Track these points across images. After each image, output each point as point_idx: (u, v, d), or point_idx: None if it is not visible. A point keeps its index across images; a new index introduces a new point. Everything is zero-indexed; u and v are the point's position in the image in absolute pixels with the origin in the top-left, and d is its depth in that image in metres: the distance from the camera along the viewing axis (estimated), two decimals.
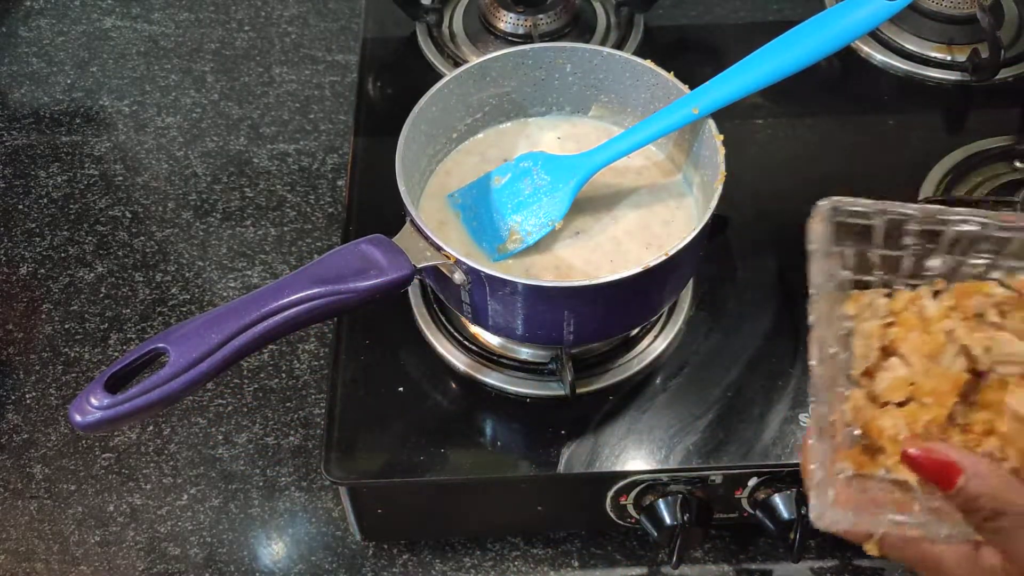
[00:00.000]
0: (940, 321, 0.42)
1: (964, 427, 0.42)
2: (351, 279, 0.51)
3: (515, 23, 0.81)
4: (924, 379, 0.41)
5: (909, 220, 0.43)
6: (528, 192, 0.63)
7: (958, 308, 0.43)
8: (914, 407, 0.41)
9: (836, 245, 0.44)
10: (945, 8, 0.80)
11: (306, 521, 0.66)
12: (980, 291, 0.43)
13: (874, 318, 0.43)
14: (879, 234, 0.44)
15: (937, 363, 0.41)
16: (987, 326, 0.42)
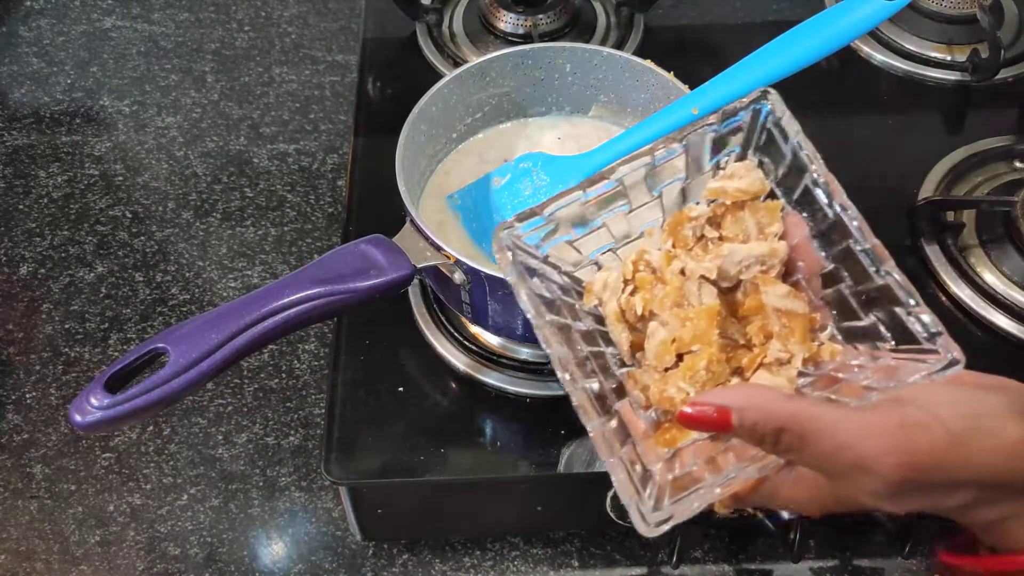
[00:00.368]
0: (669, 264, 0.42)
1: (747, 345, 0.41)
2: (351, 279, 0.51)
3: (515, 23, 0.81)
4: (682, 329, 0.40)
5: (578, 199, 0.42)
6: (528, 193, 0.63)
7: (676, 244, 0.42)
8: (688, 360, 0.40)
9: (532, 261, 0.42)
10: (945, 8, 0.80)
11: (306, 521, 0.66)
12: (686, 218, 0.42)
13: (613, 296, 0.42)
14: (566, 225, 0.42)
15: (687, 306, 0.41)
16: (711, 244, 0.42)
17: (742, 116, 0.41)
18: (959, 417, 0.35)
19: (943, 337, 0.37)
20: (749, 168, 0.42)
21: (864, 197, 0.71)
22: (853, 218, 0.40)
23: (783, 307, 0.40)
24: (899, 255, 0.66)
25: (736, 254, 0.41)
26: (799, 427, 0.35)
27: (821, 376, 0.41)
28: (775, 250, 0.41)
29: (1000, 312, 0.63)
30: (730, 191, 0.42)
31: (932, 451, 0.34)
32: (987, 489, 0.35)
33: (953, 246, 0.66)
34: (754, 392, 0.37)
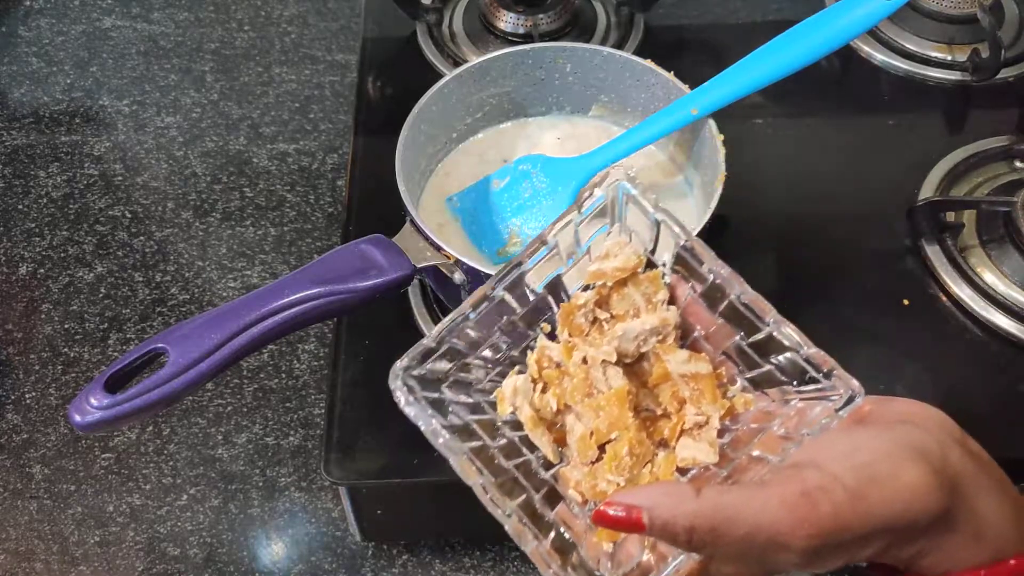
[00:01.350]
0: (569, 356, 0.42)
1: (665, 415, 0.42)
2: (351, 279, 0.51)
3: (515, 23, 0.81)
4: (597, 419, 0.40)
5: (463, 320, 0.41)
6: (528, 195, 0.63)
7: (572, 333, 0.43)
8: (610, 449, 0.40)
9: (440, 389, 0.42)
10: (945, 8, 0.80)
11: (306, 521, 0.66)
12: (575, 307, 0.43)
13: (525, 399, 0.42)
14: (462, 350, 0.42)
15: (597, 393, 0.41)
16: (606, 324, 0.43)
17: (601, 198, 0.42)
18: (854, 469, 0.36)
19: (837, 373, 0.37)
20: (622, 245, 0.42)
21: (864, 197, 0.72)
22: (726, 277, 0.40)
23: (688, 371, 0.41)
24: (899, 255, 0.67)
25: (631, 331, 0.41)
26: (708, 521, 0.35)
27: (741, 431, 0.41)
28: (665, 319, 0.42)
29: (1000, 312, 0.63)
30: (608, 271, 0.42)
31: (836, 515, 0.35)
32: (896, 533, 0.36)
33: (953, 246, 0.66)
34: (662, 490, 0.36)
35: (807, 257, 0.68)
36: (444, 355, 0.41)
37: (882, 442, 0.37)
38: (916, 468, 0.36)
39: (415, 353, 0.40)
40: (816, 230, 0.70)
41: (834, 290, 0.66)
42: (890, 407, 0.40)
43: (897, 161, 0.74)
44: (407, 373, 0.40)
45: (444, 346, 0.41)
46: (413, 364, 0.40)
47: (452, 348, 0.41)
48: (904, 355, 0.63)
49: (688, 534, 0.35)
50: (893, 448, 0.37)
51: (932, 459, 0.36)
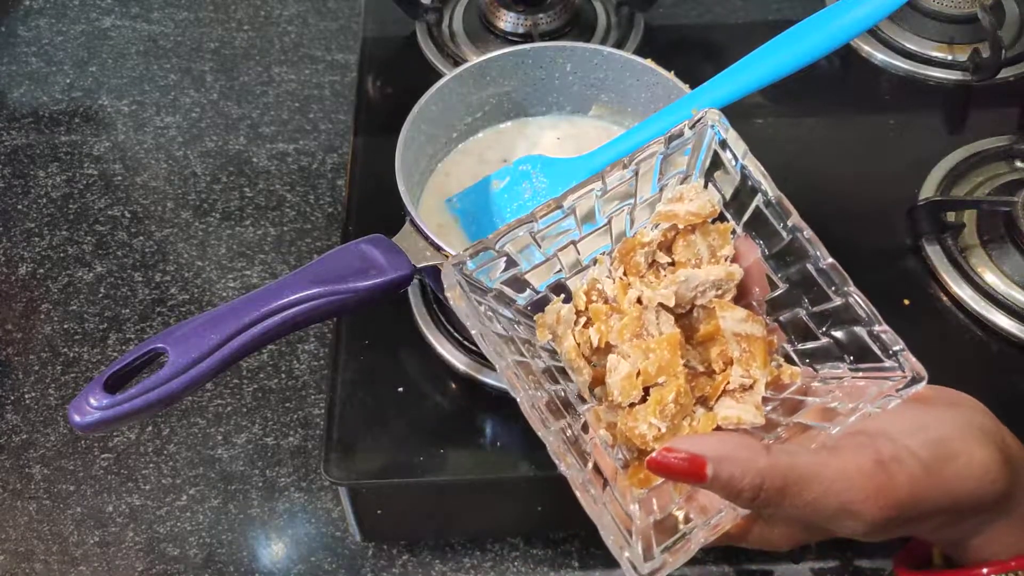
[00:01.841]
0: (624, 293, 0.40)
1: (708, 372, 0.40)
2: (351, 279, 0.51)
3: (515, 22, 0.80)
4: (645, 361, 0.38)
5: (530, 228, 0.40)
6: (528, 196, 0.63)
7: (628, 271, 0.41)
8: (655, 393, 0.38)
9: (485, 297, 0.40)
10: (946, 7, 0.80)
11: (305, 522, 0.66)
12: (637, 244, 0.41)
13: (567, 329, 0.40)
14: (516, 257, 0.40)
15: (647, 336, 0.39)
16: (663, 270, 0.41)
17: (689, 137, 0.40)
18: (928, 445, 0.35)
19: (905, 354, 0.36)
20: (698, 190, 0.41)
21: (864, 197, 0.71)
22: (808, 238, 0.39)
23: (742, 332, 0.39)
24: (899, 255, 0.67)
25: (693, 279, 0.40)
26: (779, 480, 0.34)
27: (785, 400, 0.40)
28: (731, 273, 0.40)
29: (1000, 312, 0.63)
30: (681, 214, 0.40)
31: (911, 486, 0.34)
32: (960, 511, 0.36)
33: (954, 246, 0.66)
34: (731, 442, 0.35)
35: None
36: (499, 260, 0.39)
37: (950, 421, 0.37)
38: (985, 448, 0.36)
39: (473, 250, 0.39)
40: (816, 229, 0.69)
41: None
42: (942, 392, 0.39)
43: (897, 161, 0.74)
44: (460, 269, 0.38)
45: (503, 250, 0.39)
46: (468, 259, 0.38)
47: (510, 256, 0.40)
48: None
49: (755, 491, 0.34)
50: (963, 427, 0.36)
51: (997, 441, 0.36)
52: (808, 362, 0.40)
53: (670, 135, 0.40)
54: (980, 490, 0.35)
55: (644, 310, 0.40)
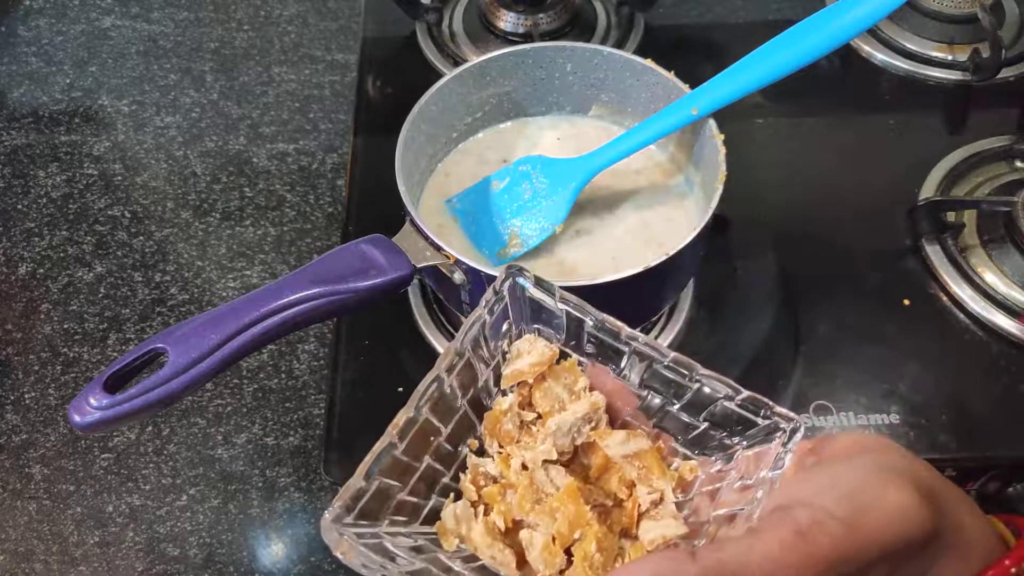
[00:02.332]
0: (508, 466, 0.40)
1: (617, 504, 0.40)
2: (351, 279, 0.51)
3: (515, 22, 0.80)
4: (555, 523, 0.38)
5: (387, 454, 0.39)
6: (527, 196, 0.63)
7: (503, 442, 0.42)
8: (577, 551, 0.38)
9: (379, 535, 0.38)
10: (946, 7, 0.80)
11: (305, 522, 0.66)
12: (499, 413, 0.41)
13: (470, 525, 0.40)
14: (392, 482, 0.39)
15: (546, 498, 0.39)
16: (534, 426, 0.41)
17: (501, 297, 0.41)
18: (842, 500, 0.35)
19: (775, 410, 0.37)
20: (532, 341, 0.42)
21: (864, 197, 0.71)
22: (645, 343, 0.40)
23: (630, 451, 0.40)
24: (899, 255, 0.67)
25: (564, 424, 0.40)
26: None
27: (699, 497, 0.40)
28: (595, 403, 0.41)
29: (1000, 312, 0.63)
30: (526, 369, 0.41)
31: (835, 546, 0.34)
32: (894, 557, 0.35)
33: (954, 246, 0.66)
34: (656, 561, 0.35)
35: (807, 257, 0.68)
36: (377, 494, 0.38)
37: (860, 469, 0.37)
38: (899, 489, 0.36)
39: (346, 497, 0.37)
40: (816, 230, 0.70)
41: (834, 290, 0.66)
42: (837, 441, 0.39)
43: (897, 161, 0.74)
44: (340, 523, 0.36)
45: (375, 484, 0.38)
46: (345, 511, 0.37)
47: (385, 484, 0.39)
48: (904, 355, 0.63)
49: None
50: (870, 474, 0.36)
51: (911, 479, 0.36)
52: (699, 451, 0.41)
53: (484, 302, 0.41)
54: (905, 533, 0.35)
55: (533, 474, 0.40)
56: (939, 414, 0.60)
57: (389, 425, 0.39)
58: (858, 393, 0.61)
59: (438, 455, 0.41)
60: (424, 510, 0.41)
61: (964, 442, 0.59)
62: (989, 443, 0.60)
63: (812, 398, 0.60)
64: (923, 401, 0.61)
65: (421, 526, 0.41)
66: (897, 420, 0.60)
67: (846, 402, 0.60)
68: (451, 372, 0.40)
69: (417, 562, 0.38)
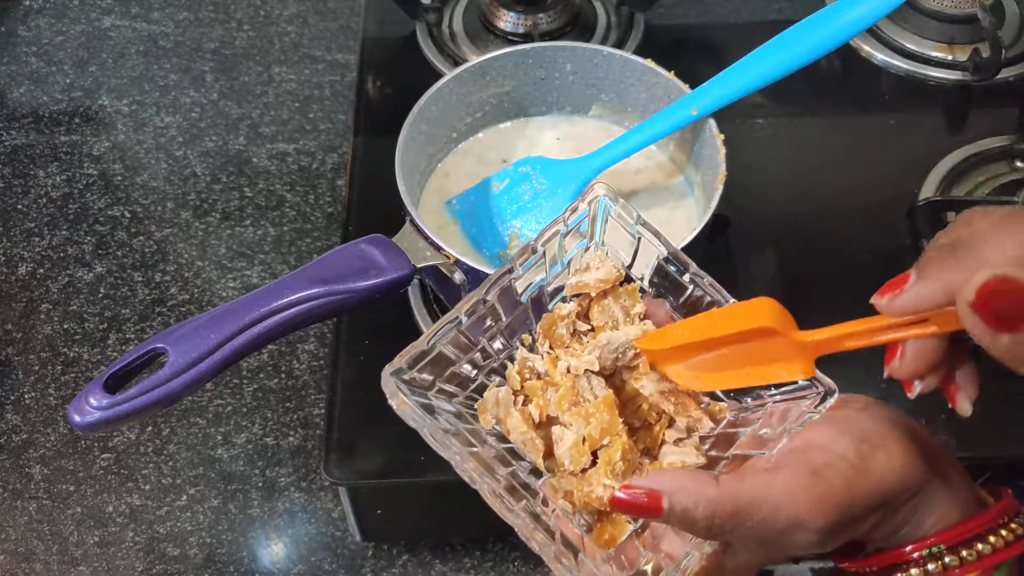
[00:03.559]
0: (554, 366, 0.42)
1: (645, 426, 0.42)
2: (351, 279, 0.51)
3: (515, 22, 0.80)
4: (588, 426, 0.40)
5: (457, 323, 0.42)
6: (528, 197, 0.63)
7: (554, 345, 0.43)
8: (603, 455, 0.40)
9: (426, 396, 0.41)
10: (946, 7, 0.80)
11: (305, 521, 0.66)
12: (557, 318, 0.43)
13: (507, 411, 0.42)
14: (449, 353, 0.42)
15: (584, 402, 0.41)
16: (585, 337, 0.44)
17: (584, 212, 0.43)
18: (852, 446, 0.38)
19: (816, 374, 0.39)
20: (602, 258, 0.44)
21: (864, 197, 0.71)
22: (710, 284, 0.42)
23: (665, 388, 0.42)
24: (899, 255, 0.67)
25: (613, 341, 0.42)
26: (729, 505, 0.36)
27: (720, 435, 0.42)
28: (647, 331, 0.42)
29: None
30: (591, 283, 0.43)
31: (848, 487, 0.36)
32: (891, 504, 0.38)
33: None
34: (683, 476, 0.37)
35: (807, 257, 0.68)
36: (434, 360, 0.41)
37: (865, 420, 0.39)
38: (900, 440, 0.38)
39: (408, 356, 0.40)
40: (816, 230, 0.70)
41: (834, 290, 0.66)
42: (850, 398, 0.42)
43: (897, 161, 0.74)
44: (399, 376, 0.40)
45: (436, 350, 0.41)
46: (406, 367, 0.40)
47: (442, 353, 0.42)
48: None
49: (709, 519, 0.36)
50: (877, 424, 0.39)
51: (909, 432, 0.39)
52: (732, 395, 0.43)
53: (567, 212, 0.43)
54: (904, 478, 0.38)
55: (576, 378, 0.42)
56: (938, 414, 0.60)
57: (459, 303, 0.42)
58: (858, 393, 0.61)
59: (494, 340, 0.44)
60: (471, 386, 0.44)
61: (964, 442, 0.59)
62: (988, 443, 0.59)
63: None
64: (922, 401, 0.60)
65: (465, 399, 0.43)
66: None
67: None
68: (524, 267, 0.42)
69: (458, 425, 0.41)
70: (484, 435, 0.42)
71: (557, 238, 0.43)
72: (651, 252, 0.43)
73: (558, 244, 0.43)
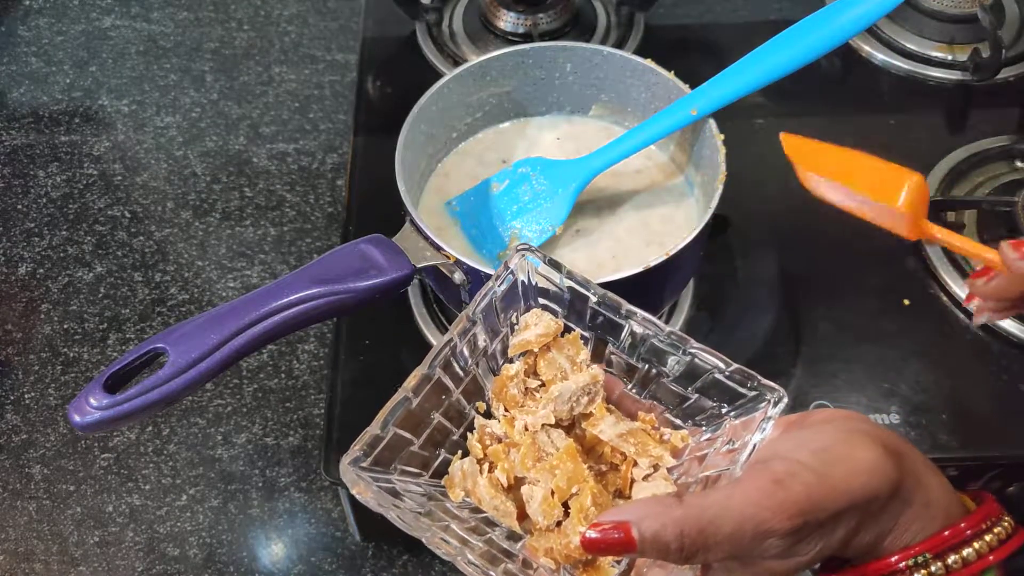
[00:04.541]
0: (512, 427, 0.43)
1: (612, 468, 0.43)
2: (351, 279, 0.51)
3: (515, 22, 0.80)
4: (554, 478, 0.41)
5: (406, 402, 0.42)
6: (527, 198, 0.63)
7: (508, 406, 0.44)
8: (574, 504, 0.40)
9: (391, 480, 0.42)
10: (946, 7, 0.80)
11: (305, 522, 0.66)
12: (506, 379, 0.44)
13: (475, 481, 0.43)
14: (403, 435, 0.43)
15: (547, 456, 0.42)
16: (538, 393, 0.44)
17: (509, 274, 0.44)
18: (815, 455, 0.38)
19: (761, 382, 0.40)
20: (539, 314, 0.44)
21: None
22: (643, 319, 0.43)
23: (623, 431, 0.42)
24: (899, 255, 0.67)
25: (565, 392, 0.43)
26: (696, 524, 0.36)
27: (688, 462, 0.43)
28: (595, 375, 0.43)
29: None
30: (532, 340, 0.44)
31: (808, 492, 0.37)
32: (861, 510, 0.38)
33: None
34: (647, 502, 0.38)
35: (807, 257, 0.68)
36: (391, 444, 0.42)
37: (830, 432, 0.40)
38: (867, 447, 0.38)
39: (363, 443, 0.40)
40: (816, 230, 0.69)
41: (834, 290, 0.66)
42: (816, 413, 0.42)
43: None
44: (357, 464, 0.40)
45: (390, 433, 0.42)
46: (362, 455, 0.40)
47: (398, 435, 0.42)
48: (905, 355, 0.63)
49: (679, 540, 0.36)
50: (842, 434, 0.39)
51: (875, 438, 0.39)
52: (694, 420, 0.44)
53: (495, 277, 0.44)
54: (872, 484, 0.37)
55: (535, 434, 0.43)
56: (939, 414, 0.60)
57: (406, 380, 0.42)
58: (858, 393, 0.61)
59: (448, 414, 0.45)
60: (434, 464, 0.44)
61: (964, 442, 0.59)
62: (989, 443, 0.60)
63: (812, 398, 0.60)
64: (923, 401, 0.61)
65: (430, 479, 0.44)
66: (897, 420, 0.60)
67: (846, 402, 0.60)
68: (463, 337, 0.43)
69: (427, 505, 0.41)
70: (455, 511, 0.42)
71: (491, 304, 0.44)
72: (584, 299, 0.44)
73: (494, 309, 0.44)
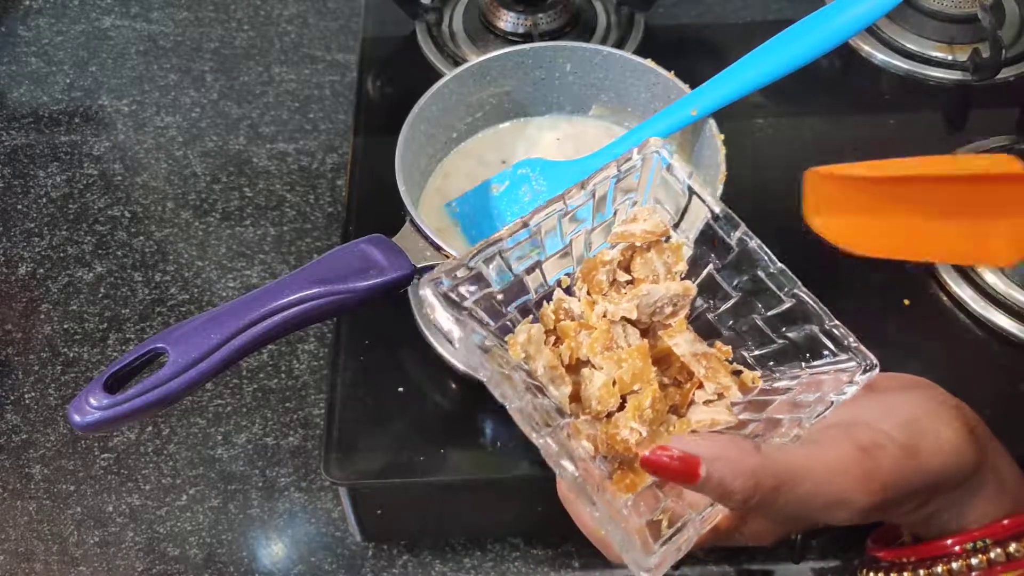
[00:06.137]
0: (591, 310, 0.42)
1: (675, 383, 0.42)
2: (351, 279, 0.51)
3: (515, 22, 0.80)
4: (619, 370, 0.39)
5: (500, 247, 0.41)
6: (528, 199, 0.63)
7: (591, 290, 0.43)
8: (632, 400, 0.39)
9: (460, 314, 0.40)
10: (946, 7, 0.80)
11: (305, 522, 0.66)
12: (599, 263, 0.43)
13: (539, 348, 0.41)
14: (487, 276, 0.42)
15: (616, 348, 0.41)
16: (623, 287, 0.43)
17: (637, 162, 0.43)
18: (900, 426, 0.36)
19: (858, 345, 0.38)
20: (651, 211, 0.43)
21: None
22: (758, 246, 0.41)
23: (698, 350, 0.41)
24: None
25: (653, 293, 0.41)
26: (772, 478, 0.34)
27: (751, 402, 0.41)
28: (687, 288, 0.42)
29: (1000, 312, 0.63)
30: (637, 234, 0.42)
31: (894, 468, 0.35)
32: (933, 490, 0.36)
33: None
34: (723, 442, 0.35)
35: (807, 257, 0.68)
36: (472, 279, 0.40)
37: (914, 402, 0.38)
38: (954, 423, 0.37)
39: (447, 268, 0.39)
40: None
41: (834, 290, 0.66)
42: (897, 378, 0.40)
43: None
44: (437, 287, 0.39)
45: (476, 270, 0.40)
46: (444, 279, 0.39)
47: (481, 275, 0.41)
48: (904, 355, 0.62)
49: (750, 491, 0.34)
50: (929, 406, 0.37)
51: (960, 416, 0.37)
52: (771, 364, 0.42)
53: (620, 160, 0.42)
54: (952, 465, 0.36)
55: (611, 324, 0.41)
56: None
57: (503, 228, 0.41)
58: None
59: (531, 275, 0.43)
60: (503, 319, 0.43)
61: None
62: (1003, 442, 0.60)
63: None
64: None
65: (496, 331, 0.42)
66: None
67: None
68: (573, 205, 0.42)
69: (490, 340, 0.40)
70: (513, 365, 0.41)
71: (607, 183, 0.42)
72: (699, 212, 0.42)
73: (608, 190, 0.42)
